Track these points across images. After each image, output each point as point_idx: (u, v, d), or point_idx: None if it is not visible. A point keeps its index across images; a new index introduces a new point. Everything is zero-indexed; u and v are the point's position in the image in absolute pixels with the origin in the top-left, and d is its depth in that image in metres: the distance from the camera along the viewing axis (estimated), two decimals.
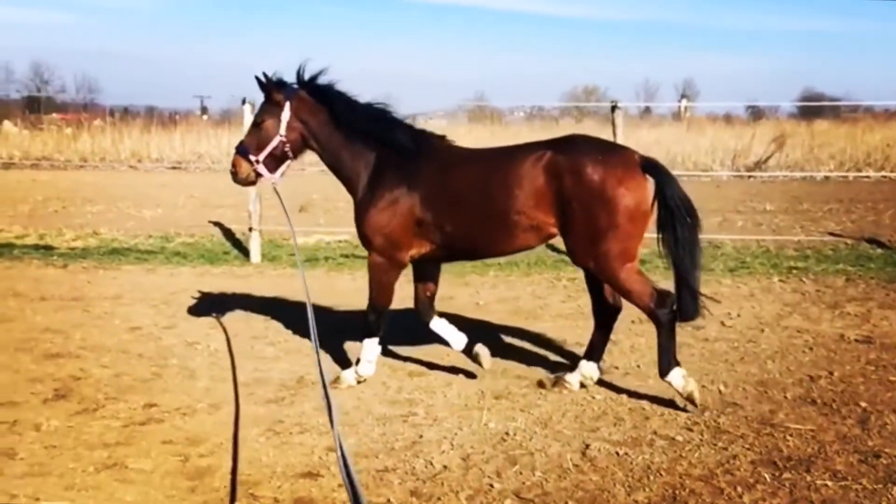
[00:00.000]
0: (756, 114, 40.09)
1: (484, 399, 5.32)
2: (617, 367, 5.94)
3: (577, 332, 6.86)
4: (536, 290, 8.44)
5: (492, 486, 4.08)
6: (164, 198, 15.54)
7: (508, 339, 6.66)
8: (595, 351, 5.55)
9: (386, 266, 5.47)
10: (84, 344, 6.56)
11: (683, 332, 6.70)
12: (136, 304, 7.90)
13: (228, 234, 11.86)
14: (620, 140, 9.44)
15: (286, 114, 5.50)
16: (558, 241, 11.00)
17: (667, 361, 5.10)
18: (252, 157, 5.54)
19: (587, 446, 4.53)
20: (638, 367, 5.96)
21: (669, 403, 5.17)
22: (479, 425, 4.87)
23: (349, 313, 7.41)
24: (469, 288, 8.58)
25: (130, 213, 14.07)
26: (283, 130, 5.50)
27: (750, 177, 19.41)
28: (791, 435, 4.64)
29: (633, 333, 6.78)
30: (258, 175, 5.61)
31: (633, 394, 5.38)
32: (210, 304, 7.67)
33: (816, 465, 4.23)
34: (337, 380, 5.59)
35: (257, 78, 5.52)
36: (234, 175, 5.67)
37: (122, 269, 9.88)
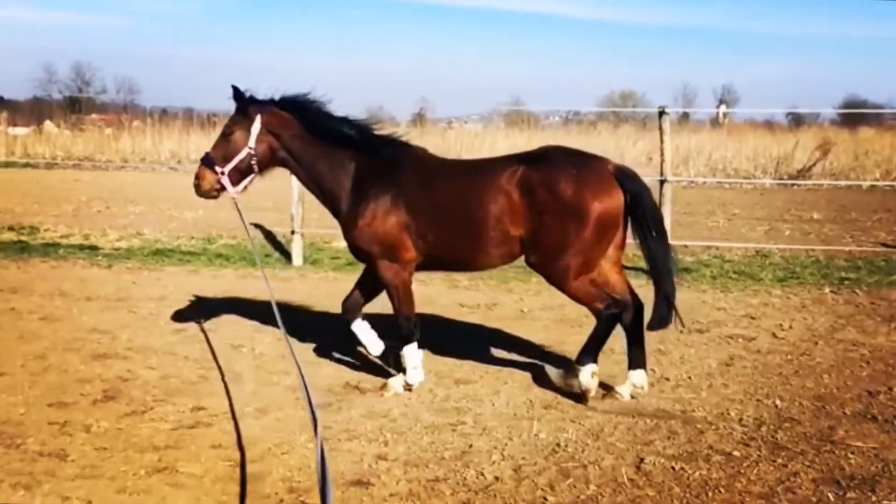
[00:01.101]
0: (797, 120, 39.52)
1: (533, 409, 5.25)
2: (668, 379, 5.81)
3: (624, 342, 6.71)
4: None
5: (545, 499, 4.00)
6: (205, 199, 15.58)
7: (556, 348, 6.56)
8: (636, 357, 5.44)
9: (396, 269, 5.44)
10: (131, 345, 6.59)
11: (735, 344, 6.63)
12: (181, 305, 7.92)
13: (270, 236, 11.89)
14: (667, 146, 9.31)
15: (256, 126, 5.41)
16: None
17: (588, 354, 5.25)
18: (217, 169, 5.45)
19: (641, 460, 4.43)
20: (689, 378, 5.83)
21: (723, 417, 5.06)
22: (529, 436, 4.79)
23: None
24: (513, 294, 8.50)
25: (172, 215, 14.19)
26: (251, 143, 5.41)
27: (794, 185, 19.07)
28: (853, 452, 4.50)
29: (683, 344, 6.65)
30: (221, 188, 5.51)
31: (685, 406, 5.27)
32: (253, 307, 7.67)
33: (881, 485, 4.09)
34: (384, 387, 5.55)
35: (233, 86, 5.45)
36: (198, 187, 5.56)
37: (166, 270, 9.93)
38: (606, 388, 5.44)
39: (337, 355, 6.37)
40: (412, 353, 5.53)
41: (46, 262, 10.21)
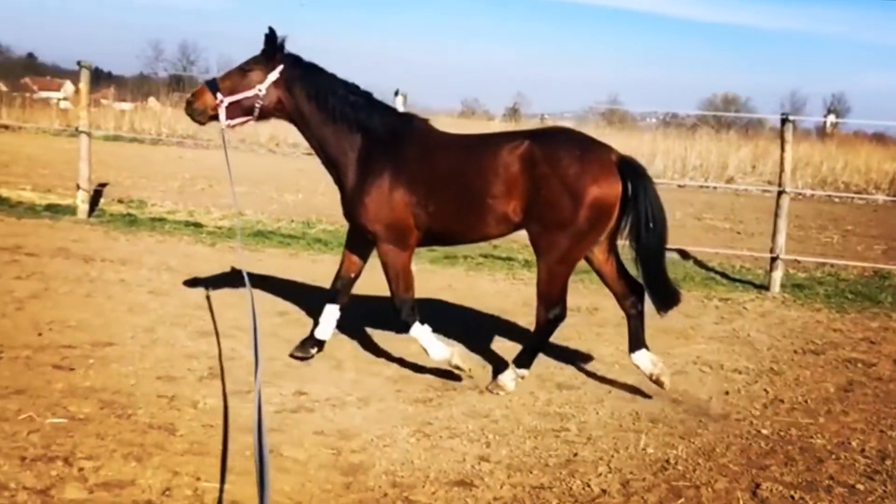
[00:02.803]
0: None
1: (639, 421, 5.07)
2: (782, 401, 5.54)
3: (733, 357, 6.48)
4: (685, 308, 7.99)
5: None
6: (303, 183, 15.82)
7: (661, 359, 6.31)
8: (636, 338, 5.48)
9: (397, 251, 5.43)
10: (234, 324, 6.66)
11: (854, 369, 6.27)
12: (282, 288, 8.00)
13: None
14: (788, 156, 8.90)
15: (275, 74, 5.42)
16: (706, 257, 10.50)
17: (524, 360, 5.44)
18: (219, 96, 5.40)
19: (757, 485, 4.21)
20: (805, 402, 5.54)
21: (844, 446, 4.78)
22: (636, 449, 4.62)
23: (493, 317, 7.31)
24: (613, 299, 8.23)
25: (272, 197, 14.41)
26: (264, 87, 5.41)
27: None
28: None
29: (798, 365, 6.35)
30: (213, 115, 5.46)
31: (802, 431, 5.00)
32: (354, 297, 7.68)
33: None
34: (495, 385, 5.45)
35: (270, 27, 5.44)
36: (190, 104, 5.51)
37: (266, 251, 10.08)
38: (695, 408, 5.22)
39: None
40: (421, 333, 5.47)
41: (153, 237, 10.49)
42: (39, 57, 75.47)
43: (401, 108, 9.99)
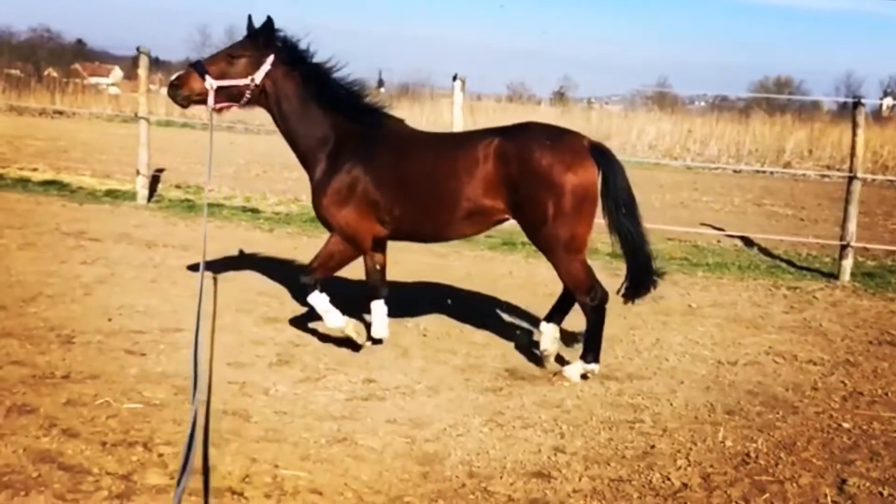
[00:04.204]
0: None
1: (715, 413, 4.95)
2: (861, 393, 5.37)
3: (807, 347, 6.31)
4: (753, 297, 7.86)
5: None
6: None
7: (732, 349, 6.20)
8: (559, 311, 5.59)
9: (347, 248, 5.49)
10: (298, 310, 6.68)
11: None
12: (342, 274, 7.98)
13: None
14: (860, 140, 8.61)
15: (266, 66, 5.39)
16: (771, 245, 10.25)
17: (588, 353, 5.32)
18: (209, 79, 5.35)
19: (843, 481, 4.09)
20: (885, 395, 5.37)
21: None
22: (714, 442, 4.52)
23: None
24: (678, 287, 8.11)
25: None
26: (258, 77, 5.39)
27: None
28: None
29: (874, 357, 6.16)
30: (197, 100, 5.43)
31: (885, 425, 4.84)
32: (417, 285, 7.67)
33: None
34: (559, 376, 5.38)
35: (269, 18, 5.40)
36: (176, 87, 5.42)
37: (323, 237, 10.04)
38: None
39: (501, 336, 6.24)
40: (318, 300, 5.48)
41: (212, 222, 10.57)
42: (88, 43, 76.43)
43: (458, 94, 9.92)
